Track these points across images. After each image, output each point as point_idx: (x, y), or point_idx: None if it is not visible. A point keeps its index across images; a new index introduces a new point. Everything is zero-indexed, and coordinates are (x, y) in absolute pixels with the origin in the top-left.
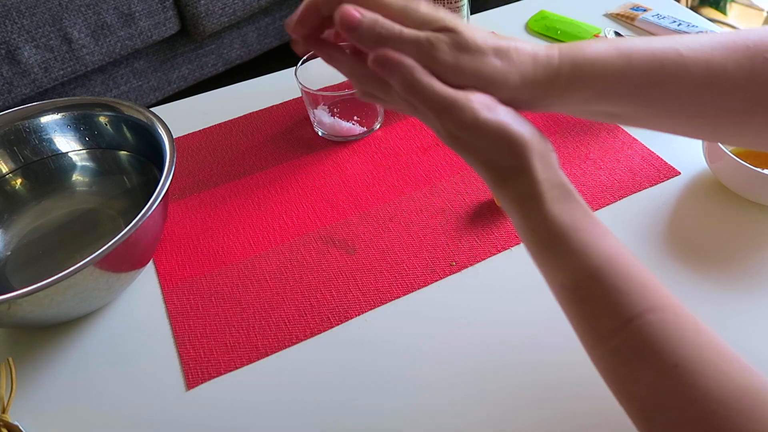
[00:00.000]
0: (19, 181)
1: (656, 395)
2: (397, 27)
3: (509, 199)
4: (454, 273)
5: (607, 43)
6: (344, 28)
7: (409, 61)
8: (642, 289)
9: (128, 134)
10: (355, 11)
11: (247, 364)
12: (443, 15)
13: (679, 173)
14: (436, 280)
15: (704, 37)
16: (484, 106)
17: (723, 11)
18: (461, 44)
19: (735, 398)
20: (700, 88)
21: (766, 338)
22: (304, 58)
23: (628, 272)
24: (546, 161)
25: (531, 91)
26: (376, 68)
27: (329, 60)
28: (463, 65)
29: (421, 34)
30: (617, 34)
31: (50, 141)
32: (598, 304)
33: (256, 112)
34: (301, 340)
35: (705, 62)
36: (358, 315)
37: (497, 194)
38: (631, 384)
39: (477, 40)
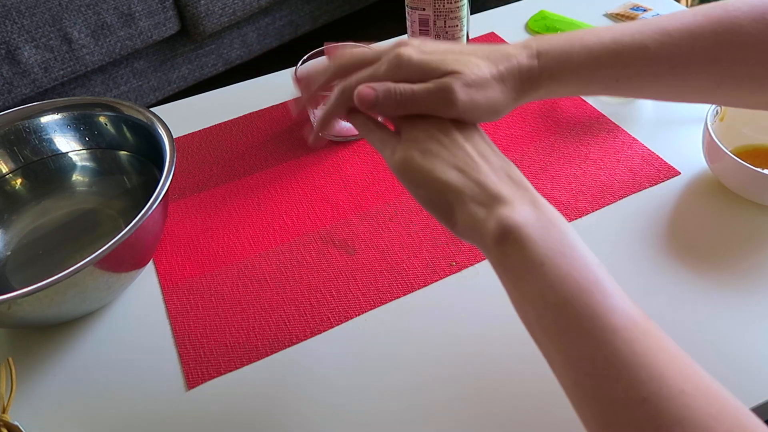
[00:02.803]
0: (19, 181)
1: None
2: (408, 87)
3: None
4: (454, 273)
5: (578, 41)
6: (365, 107)
7: None
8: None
9: (128, 134)
10: (368, 89)
11: (247, 364)
12: (435, 55)
13: (679, 173)
14: (436, 280)
15: (674, 23)
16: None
17: None
18: (468, 82)
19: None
20: (665, 76)
21: (766, 338)
22: (304, 58)
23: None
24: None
25: (521, 100)
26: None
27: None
28: (478, 101)
29: (431, 85)
30: None
31: (50, 141)
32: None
33: (256, 112)
34: (301, 340)
35: (670, 53)
36: (358, 315)
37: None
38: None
39: (480, 75)
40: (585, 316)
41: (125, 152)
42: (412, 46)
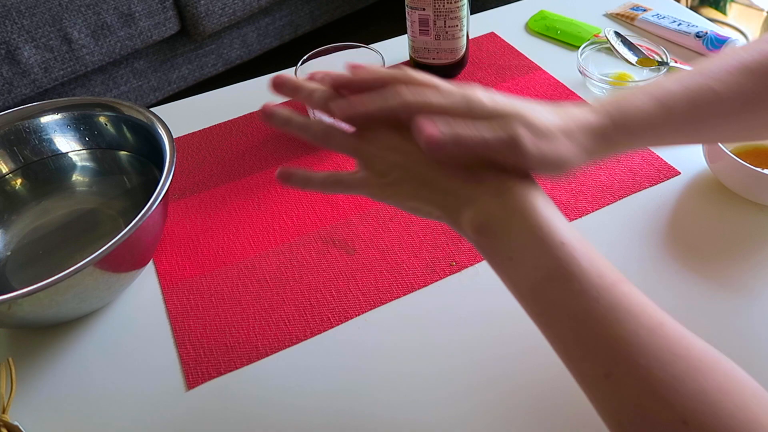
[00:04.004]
0: (19, 181)
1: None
2: (479, 135)
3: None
4: (454, 273)
5: (645, 95)
6: (431, 151)
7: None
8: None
9: (128, 134)
10: (435, 130)
11: (247, 364)
12: (504, 103)
13: (679, 173)
14: (436, 280)
15: (730, 61)
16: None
17: (723, 11)
18: (537, 132)
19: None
20: (738, 115)
21: (766, 338)
22: (305, 58)
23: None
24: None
25: (591, 160)
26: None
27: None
28: (546, 153)
29: (502, 133)
30: (617, 34)
31: (50, 141)
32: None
33: (256, 112)
34: (301, 340)
35: (738, 93)
36: (358, 315)
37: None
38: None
39: (546, 125)
40: (551, 304)
41: (125, 152)
42: (482, 92)
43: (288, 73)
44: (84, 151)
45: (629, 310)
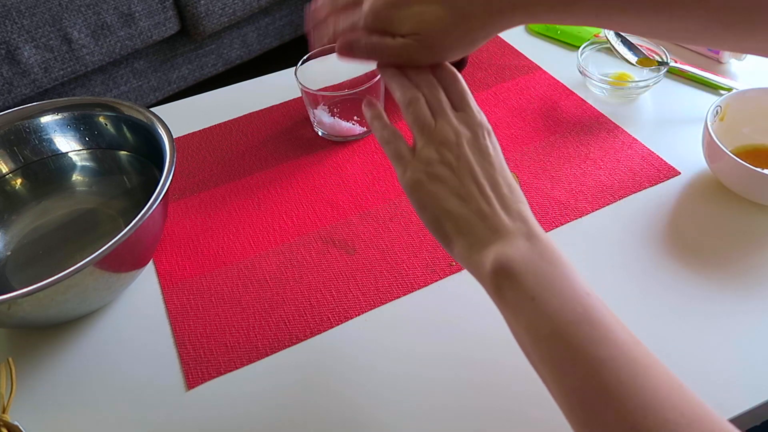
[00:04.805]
0: (19, 181)
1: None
2: (382, 43)
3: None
4: (454, 273)
5: None
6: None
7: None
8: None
9: (128, 134)
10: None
11: (247, 364)
12: (404, 19)
13: (679, 173)
14: (436, 280)
15: None
16: None
17: None
18: (430, 44)
19: None
20: (648, 15)
21: (766, 337)
22: (305, 58)
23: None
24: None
25: (492, 33)
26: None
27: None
28: (442, 54)
29: (397, 44)
30: (617, 34)
31: (50, 141)
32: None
33: (256, 112)
34: (301, 340)
35: None
36: (358, 315)
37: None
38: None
39: (440, 29)
40: (573, 348)
41: (125, 152)
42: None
43: (287, 73)
44: (84, 151)
45: (653, 366)
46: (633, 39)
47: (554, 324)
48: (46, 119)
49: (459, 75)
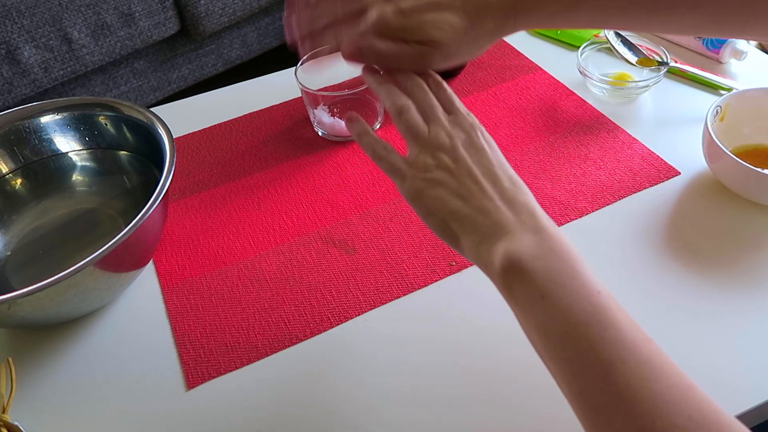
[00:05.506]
0: (19, 181)
1: None
2: (391, 50)
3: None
4: (454, 273)
5: None
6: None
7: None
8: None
9: (128, 134)
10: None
11: (247, 364)
12: (417, 27)
13: (679, 173)
14: (436, 280)
15: None
16: None
17: None
18: (447, 54)
19: None
20: (646, 17)
21: (766, 337)
22: (304, 58)
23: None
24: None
25: (496, 39)
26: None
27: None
28: (455, 59)
29: (412, 51)
30: (617, 34)
31: (50, 141)
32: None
33: (256, 112)
34: (301, 340)
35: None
36: (358, 315)
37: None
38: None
39: (456, 39)
40: (583, 349)
41: (125, 152)
42: (391, 5)
43: (287, 73)
44: (84, 151)
45: (663, 368)
46: (633, 39)
47: (565, 324)
48: (46, 119)
49: (443, 80)
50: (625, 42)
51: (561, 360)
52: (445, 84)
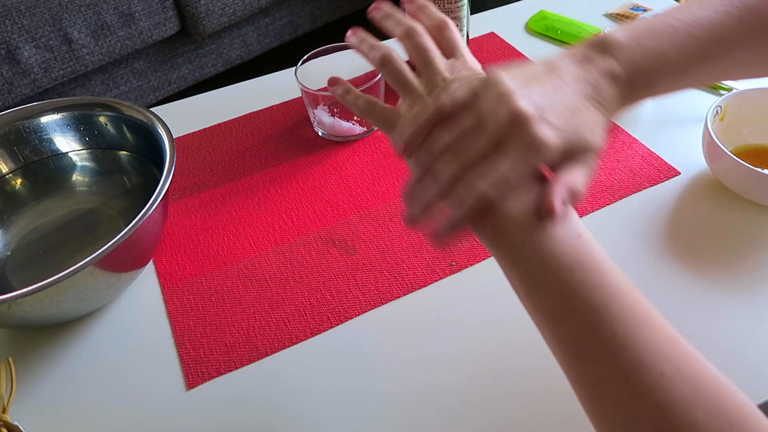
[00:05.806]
0: (19, 181)
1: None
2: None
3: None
4: (454, 273)
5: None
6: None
7: None
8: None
9: (128, 134)
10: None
11: (247, 364)
12: (577, 143)
13: (679, 173)
14: (436, 280)
15: (693, 8)
16: None
17: None
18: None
19: None
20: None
21: (766, 338)
22: (305, 58)
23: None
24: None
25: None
26: None
27: None
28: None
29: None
30: None
31: (50, 141)
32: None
33: (256, 112)
34: (301, 340)
35: (708, 28)
36: (358, 315)
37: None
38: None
39: (600, 138)
40: (566, 295)
41: (125, 152)
42: (538, 113)
43: (287, 73)
44: (84, 151)
45: (649, 316)
46: None
47: (546, 268)
48: (46, 119)
49: (449, 21)
50: None
51: (544, 308)
52: (450, 24)
